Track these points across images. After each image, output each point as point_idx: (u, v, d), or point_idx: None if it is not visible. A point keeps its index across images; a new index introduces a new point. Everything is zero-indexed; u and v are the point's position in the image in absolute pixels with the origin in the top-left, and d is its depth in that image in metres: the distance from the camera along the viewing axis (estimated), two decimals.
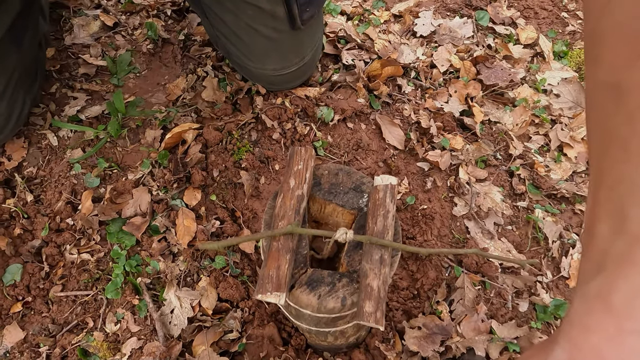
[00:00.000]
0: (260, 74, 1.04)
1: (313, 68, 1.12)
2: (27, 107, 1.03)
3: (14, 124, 1.00)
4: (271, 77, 1.05)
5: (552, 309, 0.88)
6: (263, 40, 0.95)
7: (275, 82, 1.07)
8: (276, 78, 1.05)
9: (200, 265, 0.93)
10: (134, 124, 1.10)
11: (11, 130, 1.01)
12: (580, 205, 1.02)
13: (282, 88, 1.11)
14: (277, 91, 1.12)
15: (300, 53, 1.01)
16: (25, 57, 0.99)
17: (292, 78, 1.07)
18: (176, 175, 1.00)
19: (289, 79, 1.07)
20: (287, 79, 1.07)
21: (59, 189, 1.00)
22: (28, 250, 0.93)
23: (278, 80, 1.06)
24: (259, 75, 1.05)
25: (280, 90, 1.12)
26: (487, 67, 1.21)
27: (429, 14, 1.32)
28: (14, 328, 0.87)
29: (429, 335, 0.84)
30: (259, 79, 1.08)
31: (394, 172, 1.04)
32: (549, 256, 0.96)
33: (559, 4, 1.39)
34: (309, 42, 1.01)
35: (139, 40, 1.24)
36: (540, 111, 1.14)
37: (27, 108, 1.03)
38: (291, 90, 1.12)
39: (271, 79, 1.05)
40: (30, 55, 1.01)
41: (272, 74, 1.03)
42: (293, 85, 1.11)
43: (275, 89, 1.11)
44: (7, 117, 0.98)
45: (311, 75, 1.15)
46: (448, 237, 0.97)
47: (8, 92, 0.95)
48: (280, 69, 1.01)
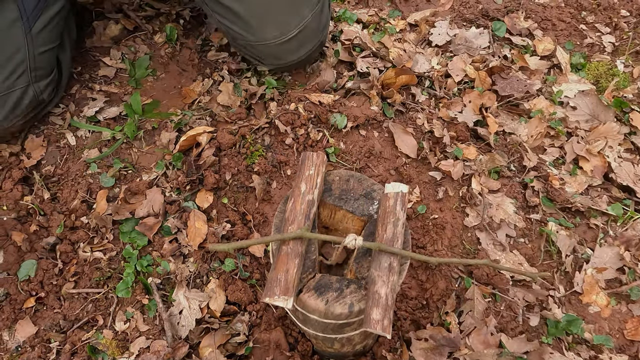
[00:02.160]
0: (263, 48, 1.04)
1: (318, 34, 1.09)
2: (29, 98, 0.99)
3: (8, 111, 0.97)
4: (275, 49, 1.04)
5: (564, 325, 0.86)
6: (252, 4, 0.95)
7: (280, 54, 1.06)
8: (280, 49, 1.04)
9: (210, 267, 0.93)
10: (150, 125, 1.12)
11: (5, 118, 0.97)
12: (595, 219, 1.00)
13: (289, 63, 1.09)
14: (287, 70, 1.12)
15: (298, 12, 1.00)
16: (36, 45, 0.97)
17: (297, 46, 1.05)
18: (189, 178, 1.01)
19: (294, 48, 1.05)
20: (292, 48, 1.05)
21: (75, 188, 1.02)
22: (43, 246, 0.95)
23: (282, 51, 1.05)
24: (263, 50, 1.05)
25: (289, 69, 1.11)
26: (502, 77, 1.20)
27: (445, 24, 1.32)
28: (26, 323, 0.88)
29: (437, 347, 0.83)
30: (265, 56, 1.07)
31: (406, 181, 1.04)
32: (561, 270, 0.95)
33: (577, 16, 1.38)
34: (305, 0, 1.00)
35: (158, 44, 1.26)
36: (556, 123, 1.13)
37: (27, 99, 0.99)
38: (305, 95, 1.13)
39: (275, 51, 1.04)
40: (43, 45, 0.99)
41: (274, 42, 1.02)
42: (302, 57, 1.09)
43: (283, 65, 1.10)
44: (1, 100, 0.94)
45: (318, 48, 1.12)
46: (459, 248, 0.96)
47: (3, 73, 0.93)
48: (280, 35, 1.01)
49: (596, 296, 0.91)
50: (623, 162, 1.08)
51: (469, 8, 1.39)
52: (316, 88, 1.16)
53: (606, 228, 1.00)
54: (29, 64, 0.97)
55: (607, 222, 1.01)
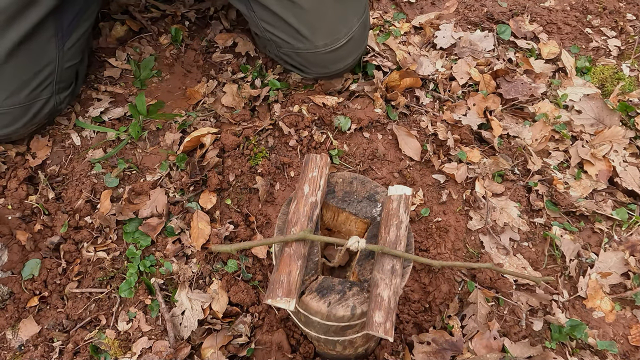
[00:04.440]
0: (311, 56, 1.04)
1: (363, 43, 1.10)
2: (48, 108, 1.04)
3: (29, 119, 1.00)
4: (323, 57, 1.04)
5: (567, 329, 0.85)
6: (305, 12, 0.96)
7: (327, 62, 1.07)
8: (328, 57, 1.04)
9: (213, 268, 0.93)
10: (155, 126, 1.12)
11: (24, 125, 1.01)
12: (599, 224, 1.00)
13: (333, 72, 1.11)
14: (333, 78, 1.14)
15: (347, 21, 1.01)
16: (64, 60, 1.01)
17: (346, 54, 1.06)
18: (193, 179, 1.01)
19: (341, 56, 1.06)
20: (339, 57, 1.06)
21: (80, 188, 1.02)
22: (47, 246, 0.95)
23: (330, 59, 1.06)
24: (310, 58, 1.05)
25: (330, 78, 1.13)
26: (507, 81, 1.20)
27: (450, 27, 1.32)
28: (29, 322, 0.89)
29: (439, 350, 0.82)
30: (311, 64, 1.08)
31: (409, 183, 1.03)
32: (565, 275, 0.94)
33: (582, 19, 1.38)
34: (353, 7, 1.01)
35: (163, 46, 1.27)
36: (561, 127, 1.12)
37: (48, 108, 1.03)
38: (309, 97, 1.13)
39: (323, 59, 1.05)
40: (70, 60, 1.03)
41: (324, 50, 1.02)
42: (347, 65, 1.10)
43: (326, 74, 1.11)
44: (25, 109, 0.98)
45: (360, 57, 1.14)
46: (462, 251, 0.96)
47: (33, 84, 0.97)
48: (330, 43, 1.01)
49: (600, 301, 0.91)
50: (628, 167, 1.07)
51: (474, 11, 1.39)
52: (320, 90, 1.16)
53: (611, 233, 0.99)
54: (55, 78, 1.01)
55: (612, 227, 1.00)
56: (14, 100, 0.96)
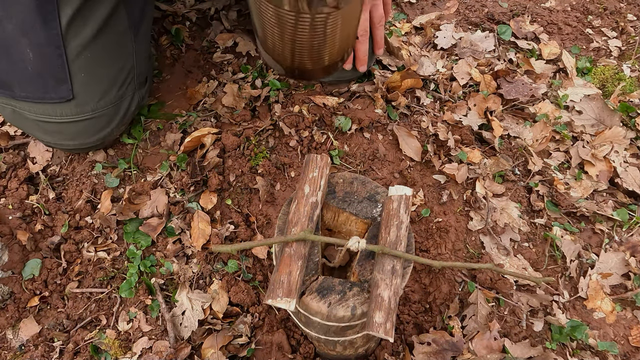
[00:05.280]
0: None
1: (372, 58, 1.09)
2: (135, 105, 1.01)
3: (120, 118, 0.97)
4: None
5: (568, 330, 0.85)
6: None
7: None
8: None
9: (213, 269, 0.93)
10: (155, 126, 1.12)
11: (117, 125, 0.98)
12: (600, 224, 1.00)
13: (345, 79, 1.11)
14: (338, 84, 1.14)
15: None
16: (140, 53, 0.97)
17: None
18: (193, 179, 1.01)
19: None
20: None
21: (80, 188, 1.03)
22: (47, 246, 0.95)
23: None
24: None
25: (338, 84, 1.14)
26: (507, 81, 1.20)
27: (451, 27, 1.32)
28: (30, 322, 0.89)
29: (439, 351, 0.82)
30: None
31: (410, 184, 1.03)
32: (566, 275, 0.94)
33: (583, 20, 1.38)
34: None
35: (164, 46, 1.27)
36: (562, 127, 1.12)
37: (134, 105, 1.00)
38: (310, 97, 1.13)
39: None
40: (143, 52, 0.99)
41: None
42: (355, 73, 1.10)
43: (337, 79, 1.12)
44: (116, 108, 0.95)
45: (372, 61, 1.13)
46: (462, 252, 0.96)
47: (119, 81, 0.93)
48: None
49: (601, 302, 0.91)
50: (629, 167, 1.07)
51: (475, 11, 1.39)
52: (320, 90, 1.16)
53: (611, 233, 0.99)
54: (135, 71, 0.97)
55: (613, 228, 1.00)
56: (106, 101, 0.93)
